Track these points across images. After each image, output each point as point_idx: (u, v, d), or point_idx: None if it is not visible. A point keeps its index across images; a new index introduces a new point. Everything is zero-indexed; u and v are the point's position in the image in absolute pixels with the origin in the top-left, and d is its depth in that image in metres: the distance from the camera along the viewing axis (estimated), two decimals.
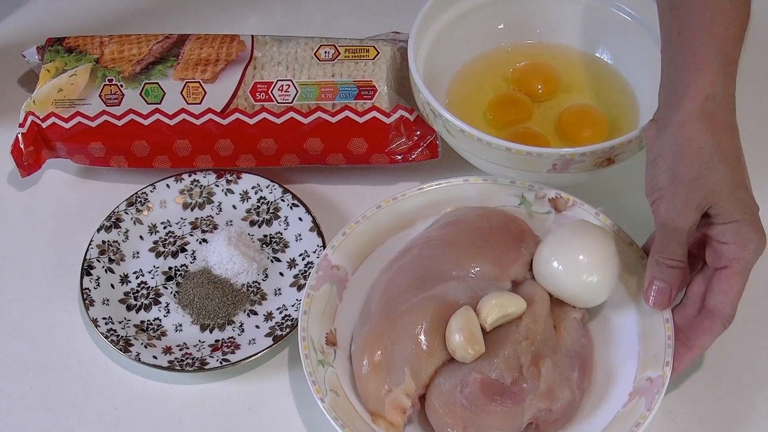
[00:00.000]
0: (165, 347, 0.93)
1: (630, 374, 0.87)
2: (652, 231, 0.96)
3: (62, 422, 0.91)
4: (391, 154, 1.01)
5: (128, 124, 1.01)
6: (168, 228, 1.01)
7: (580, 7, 1.06)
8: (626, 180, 1.02)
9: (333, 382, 0.87)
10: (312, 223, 0.98)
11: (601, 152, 0.92)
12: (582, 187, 0.99)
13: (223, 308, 0.95)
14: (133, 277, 0.98)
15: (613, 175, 0.98)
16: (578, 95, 1.05)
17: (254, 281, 0.97)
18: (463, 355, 0.85)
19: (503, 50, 1.08)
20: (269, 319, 0.95)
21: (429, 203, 0.97)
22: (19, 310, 0.97)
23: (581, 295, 0.89)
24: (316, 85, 1.00)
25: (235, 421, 0.90)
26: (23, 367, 0.94)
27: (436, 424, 0.85)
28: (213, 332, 0.95)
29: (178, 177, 1.02)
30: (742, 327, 0.93)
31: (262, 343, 0.92)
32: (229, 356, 0.91)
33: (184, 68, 1.02)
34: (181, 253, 1.00)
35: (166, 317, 0.96)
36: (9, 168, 1.06)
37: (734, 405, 0.89)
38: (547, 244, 0.90)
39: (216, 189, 1.02)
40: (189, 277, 0.98)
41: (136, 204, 1.01)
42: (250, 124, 1.00)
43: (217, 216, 1.02)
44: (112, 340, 0.92)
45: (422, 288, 0.89)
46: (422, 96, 0.96)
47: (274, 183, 1.01)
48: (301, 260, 0.98)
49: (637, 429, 0.82)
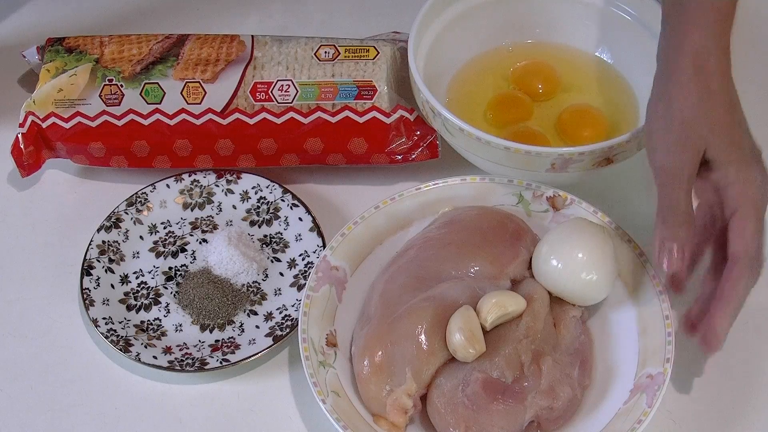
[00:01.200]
0: (165, 347, 0.93)
1: (630, 371, 0.87)
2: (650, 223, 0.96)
3: (62, 422, 0.91)
4: (391, 154, 1.01)
5: (128, 124, 1.01)
6: (168, 228, 1.01)
7: (580, 7, 1.06)
8: (625, 179, 1.02)
9: (334, 383, 0.87)
10: (312, 223, 0.98)
11: (600, 152, 0.92)
12: (581, 186, 0.99)
13: (223, 308, 0.95)
14: (133, 277, 0.98)
15: (612, 174, 0.98)
16: (578, 95, 1.05)
17: (254, 281, 0.97)
18: (464, 354, 0.85)
19: (503, 50, 1.08)
20: (269, 319, 0.95)
21: (427, 203, 0.97)
22: (19, 310, 0.97)
23: (580, 294, 0.89)
24: (316, 85, 1.00)
25: (235, 421, 0.90)
26: (23, 367, 0.94)
27: (438, 424, 0.85)
28: (213, 332, 0.95)
29: (178, 177, 1.02)
30: (742, 327, 0.93)
31: (262, 343, 0.92)
32: (229, 356, 0.91)
33: (184, 68, 1.02)
34: (181, 253, 1.00)
35: (166, 317, 0.96)
36: (9, 168, 1.06)
37: (734, 405, 0.89)
38: (546, 243, 0.90)
39: (216, 189, 1.02)
40: (189, 277, 0.98)
41: (136, 204, 1.01)
42: (250, 124, 1.00)
43: (217, 216, 1.02)
44: (112, 341, 0.92)
45: (421, 288, 0.89)
46: (422, 95, 0.96)
47: (274, 183, 1.01)
48: (301, 260, 0.98)
49: (639, 426, 0.82)
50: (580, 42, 1.07)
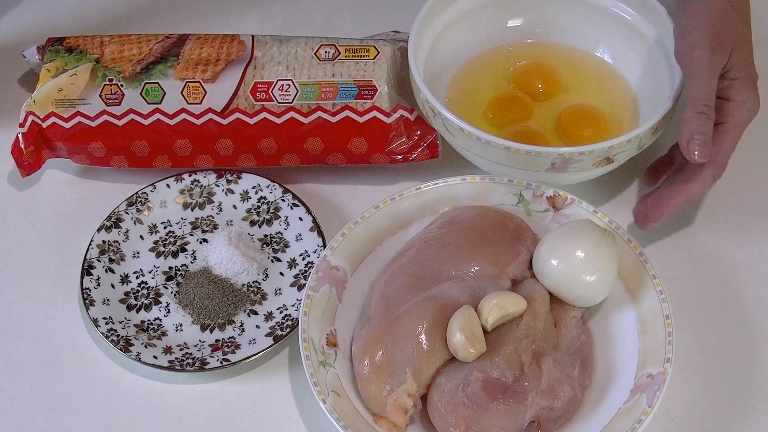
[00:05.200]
0: (165, 347, 0.93)
1: (630, 371, 0.87)
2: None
3: (62, 422, 0.91)
4: (392, 154, 1.01)
5: (128, 124, 1.01)
6: (168, 228, 1.01)
7: (580, 7, 1.06)
8: (625, 179, 1.02)
9: (334, 383, 0.87)
10: (312, 222, 0.98)
11: (600, 152, 0.92)
12: (581, 186, 0.99)
13: (223, 308, 0.95)
14: (134, 276, 0.98)
15: (612, 174, 0.98)
16: (578, 95, 1.05)
17: (254, 281, 0.97)
18: (465, 354, 0.85)
19: (503, 49, 1.08)
20: (269, 319, 0.95)
21: (427, 203, 0.97)
22: (20, 310, 0.97)
23: (580, 294, 0.89)
24: (316, 84, 1.00)
25: (235, 421, 0.90)
26: (23, 367, 0.94)
27: (439, 424, 0.85)
28: (213, 332, 0.95)
29: (178, 177, 1.02)
30: (742, 327, 0.93)
31: (263, 343, 0.92)
32: (229, 356, 0.91)
33: (184, 68, 1.02)
34: (182, 253, 1.00)
35: (167, 317, 0.96)
36: (9, 168, 1.06)
37: (734, 405, 0.89)
38: (547, 243, 0.90)
39: (216, 189, 1.02)
40: (189, 277, 0.98)
41: (137, 204, 1.01)
42: (250, 123, 1.00)
43: (218, 216, 1.02)
44: (113, 340, 0.92)
45: (421, 288, 0.89)
46: (422, 95, 0.96)
47: (275, 183, 1.01)
48: (301, 260, 0.98)
49: (639, 425, 0.82)
50: (580, 42, 1.08)
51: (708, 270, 0.97)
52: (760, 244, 0.99)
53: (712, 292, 0.96)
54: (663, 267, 0.93)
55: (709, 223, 1.00)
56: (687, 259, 0.98)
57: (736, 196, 1.02)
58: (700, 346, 0.92)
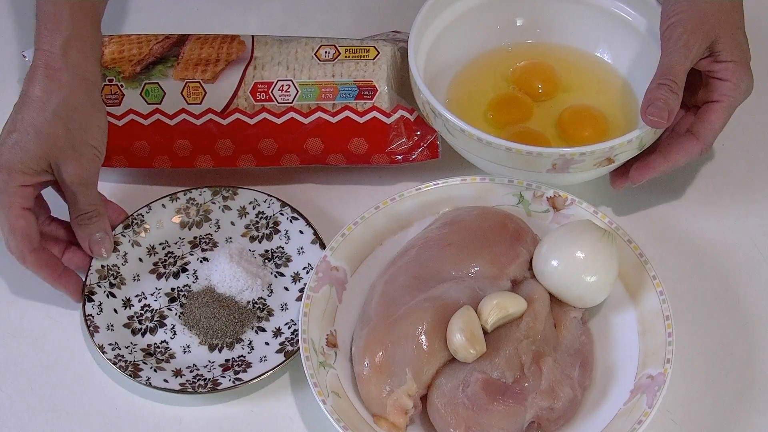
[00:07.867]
0: (174, 370, 0.91)
1: (631, 372, 0.87)
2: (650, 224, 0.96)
3: (62, 422, 0.91)
4: (392, 154, 1.01)
5: (128, 124, 1.01)
6: (167, 248, 0.99)
7: (580, 7, 1.06)
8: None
9: (334, 384, 0.87)
10: (313, 235, 0.97)
11: (600, 152, 0.92)
12: (581, 186, 0.99)
13: (230, 327, 0.94)
14: (136, 300, 0.96)
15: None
16: (578, 95, 1.05)
17: (259, 297, 0.96)
18: (465, 355, 0.85)
19: (503, 50, 1.08)
20: (278, 335, 0.93)
21: (427, 203, 0.97)
22: (19, 311, 0.97)
23: (581, 295, 0.89)
24: (316, 85, 1.00)
25: (235, 422, 0.90)
26: (23, 368, 0.94)
27: (439, 425, 0.85)
28: (222, 351, 0.93)
29: (173, 196, 1.00)
30: (742, 327, 0.93)
31: (274, 360, 0.90)
32: (241, 375, 0.90)
33: (184, 68, 1.02)
34: (183, 273, 0.98)
35: (173, 339, 0.94)
36: None
37: (734, 405, 0.89)
38: (547, 243, 0.90)
39: (212, 206, 1.01)
40: (193, 297, 0.96)
41: (133, 226, 0.99)
42: (250, 124, 1.00)
43: (216, 233, 1.00)
44: (121, 366, 0.90)
45: (421, 288, 0.89)
46: (422, 95, 0.96)
47: (272, 197, 0.99)
48: (305, 274, 0.96)
49: (639, 426, 0.82)
50: (580, 42, 1.07)
51: (708, 270, 0.97)
52: (761, 244, 0.99)
53: (712, 292, 0.96)
54: (663, 267, 0.93)
55: (709, 223, 1.00)
56: (687, 259, 0.98)
57: (736, 197, 1.02)
58: (701, 347, 0.92)
